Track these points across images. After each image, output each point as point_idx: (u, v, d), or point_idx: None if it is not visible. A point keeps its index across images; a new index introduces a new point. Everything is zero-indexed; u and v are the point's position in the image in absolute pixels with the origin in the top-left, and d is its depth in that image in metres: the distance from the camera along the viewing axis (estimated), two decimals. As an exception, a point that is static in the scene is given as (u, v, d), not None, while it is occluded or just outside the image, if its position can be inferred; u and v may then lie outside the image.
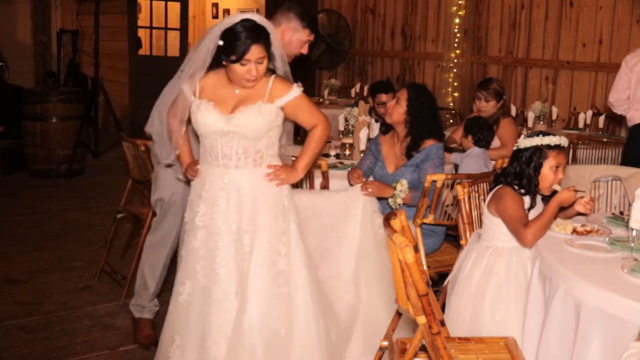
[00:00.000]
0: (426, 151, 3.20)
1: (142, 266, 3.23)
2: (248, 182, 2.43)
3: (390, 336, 2.32)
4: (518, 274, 2.39)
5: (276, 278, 2.41)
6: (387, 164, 3.34)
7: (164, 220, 3.14)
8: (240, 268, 2.41)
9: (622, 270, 1.96)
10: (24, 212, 5.51)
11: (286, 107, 2.46)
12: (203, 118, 2.41)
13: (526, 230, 2.29)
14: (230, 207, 2.42)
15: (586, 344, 1.85)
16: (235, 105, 2.43)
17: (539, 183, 2.42)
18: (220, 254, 2.41)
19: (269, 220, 2.43)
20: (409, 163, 3.23)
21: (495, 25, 6.64)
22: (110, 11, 8.93)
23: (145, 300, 3.24)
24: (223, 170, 2.44)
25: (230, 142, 2.41)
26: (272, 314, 2.39)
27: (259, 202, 2.43)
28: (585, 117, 5.30)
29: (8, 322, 3.39)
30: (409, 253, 1.79)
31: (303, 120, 2.54)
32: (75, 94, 7.14)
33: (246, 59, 2.33)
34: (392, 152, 3.35)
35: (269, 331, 2.39)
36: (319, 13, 8.60)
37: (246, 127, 2.38)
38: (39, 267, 4.21)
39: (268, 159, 2.47)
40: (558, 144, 2.40)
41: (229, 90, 2.46)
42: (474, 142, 3.66)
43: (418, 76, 7.57)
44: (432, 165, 3.19)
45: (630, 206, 2.15)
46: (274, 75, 2.46)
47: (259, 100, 2.41)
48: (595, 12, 5.77)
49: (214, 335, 2.39)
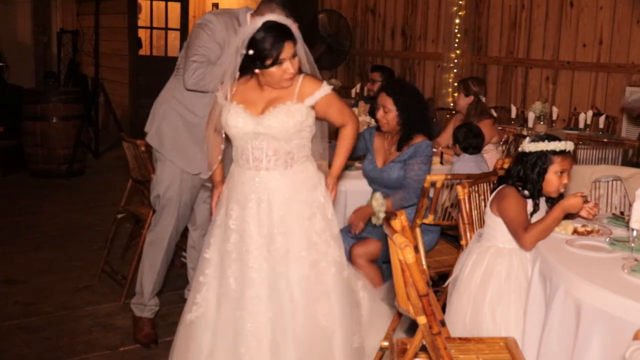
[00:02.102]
0: (415, 147, 3.20)
1: (142, 264, 3.25)
2: (279, 184, 2.41)
3: (390, 336, 2.32)
4: (519, 275, 2.39)
5: (318, 276, 2.39)
6: (376, 157, 3.35)
7: (161, 217, 3.16)
8: (273, 271, 2.37)
9: (622, 271, 1.96)
10: (24, 212, 5.51)
11: (317, 106, 2.44)
12: (233, 121, 2.40)
13: (526, 233, 2.28)
14: (261, 210, 2.39)
15: (586, 344, 1.85)
16: (264, 107, 2.41)
17: (543, 188, 2.41)
18: (252, 258, 2.37)
19: (306, 220, 2.41)
20: (397, 158, 3.23)
21: (495, 26, 6.64)
22: (111, 11, 8.93)
23: (146, 299, 3.25)
24: (254, 173, 2.42)
25: (261, 144, 2.39)
26: (318, 313, 2.37)
27: (291, 203, 2.41)
28: (585, 118, 5.30)
29: (8, 322, 3.39)
30: (409, 253, 1.79)
31: (333, 118, 2.52)
32: (75, 94, 7.14)
33: (281, 58, 2.32)
34: (382, 146, 3.37)
35: (317, 330, 2.36)
36: (319, 13, 8.60)
37: (276, 128, 2.36)
38: (39, 267, 4.21)
39: (299, 161, 2.44)
40: (564, 149, 2.38)
41: (257, 92, 2.44)
42: (462, 149, 3.69)
43: (418, 76, 7.57)
44: (419, 162, 3.18)
45: (630, 206, 2.15)
46: (303, 75, 2.44)
47: (288, 101, 2.39)
48: (596, 12, 5.77)
49: (247, 340, 2.34)
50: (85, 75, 9.42)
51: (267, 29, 2.32)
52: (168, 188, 3.11)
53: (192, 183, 3.14)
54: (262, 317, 2.34)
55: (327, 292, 2.40)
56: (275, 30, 2.32)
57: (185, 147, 3.06)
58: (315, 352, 2.36)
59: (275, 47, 2.30)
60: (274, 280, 2.36)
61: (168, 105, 3.08)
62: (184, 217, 3.22)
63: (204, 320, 2.44)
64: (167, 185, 3.11)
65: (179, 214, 3.16)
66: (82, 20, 9.54)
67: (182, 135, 3.06)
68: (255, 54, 2.32)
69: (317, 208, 2.45)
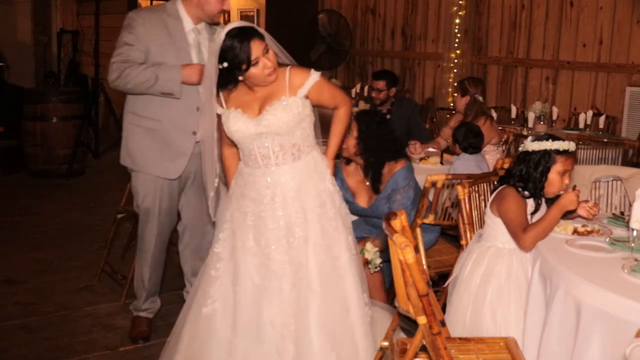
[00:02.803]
0: (393, 180, 3.12)
1: (135, 270, 3.27)
2: (289, 177, 2.48)
3: (390, 336, 2.32)
4: (519, 275, 2.39)
5: (334, 263, 2.46)
6: (357, 199, 3.25)
7: (142, 227, 3.15)
8: (295, 261, 2.44)
9: (622, 271, 1.96)
10: (24, 212, 5.51)
11: (309, 94, 2.48)
12: (234, 126, 2.45)
13: (525, 234, 2.28)
14: (275, 204, 2.46)
15: (586, 344, 1.85)
16: (261, 107, 2.46)
17: (545, 187, 2.41)
18: (273, 251, 2.45)
19: (317, 208, 2.48)
20: (380, 196, 3.17)
21: (495, 26, 6.64)
22: (110, 11, 8.92)
23: (141, 303, 3.26)
24: (265, 171, 2.48)
25: (265, 142, 2.45)
26: (335, 300, 2.43)
27: (303, 193, 2.47)
28: (585, 118, 5.29)
29: (8, 322, 3.39)
30: (409, 253, 1.79)
31: (326, 102, 2.57)
32: (76, 94, 7.14)
33: (254, 58, 2.35)
34: (362, 186, 3.26)
35: (335, 316, 2.42)
36: (319, 13, 8.60)
37: (276, 124, 2.41)
38: (39, 267, 4.21)
39: (306, 151, 2.51)
40: (567, 149, 2.37)
41: (250, 94, 2.49)
42: (462, 149, 3.69)
43: (418, 76, 7.57)
44: (401, 192, 3.11)
45: (630, 206, 2.15)
46: (289, 67, 2.48)
47: (282, 96, 2.44)
48: (596, 12, 5.77)
49: (269, 331, 2.41)
50: (85, 75, 9.42)
51: (231, 37, 2.35)
52: (144, 198, 3.07)
53: (169, 190, 3.09)
54: (285, 308, 2.41)
55: (341, 276, 2.47)
56: (238, 35, 2.35)
57: (155, 156, 3.01)
58: (336, 336, 2.41)
59: (244, 51, 2.34)
60: (294, 270, 2.43)
61: (127, 122, 3.05)
62: (166, 224, 3.18)
63: (223, 313, 2.49)
64: (142, 195, 3.07)
65: (159, 222, 3.12)
66: (82, 20, 9.54)
67: (149, 145, 3.00)
68: (229, 65, 2.36)
69: (327, 196, 2.52)
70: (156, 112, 2.95)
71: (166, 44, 2.90)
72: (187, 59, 2.92)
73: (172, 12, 2.93)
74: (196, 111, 2.90)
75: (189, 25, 2.95)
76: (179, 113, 2.94)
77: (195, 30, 2.97)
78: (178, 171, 3.02)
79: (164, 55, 2.89)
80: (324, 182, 2.53)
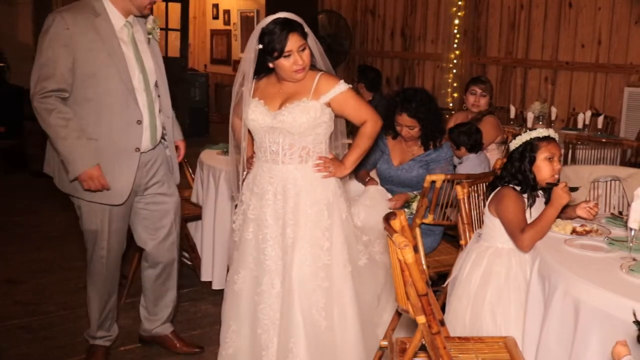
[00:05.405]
0: (439, 152, 3.28)
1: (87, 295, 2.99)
2: (293, 177, 2.49)
3: (390, 336, 2.33)
4: (518, 275, 2.40)
5: (318, 271, 2.46)
6: (392, 157, 3.39)
7: (90, 250, 2.91)
8: (284, 260, 2.48)
9: (620, 270, 1.97)
10: (24, 212, 5.52)
11: (332, 103, 2.50)
12: (252, 114, 2.49)
13: (523, 235, 2.29)
14: (277, 201, 2.50)
15: (585, 343, 1.86)
16: (282, 102, 2.49)
17: (537, 176, 2.43)
18: (268, 246, 2.50)
19: (312, 215, 2.48)
20: (419, 157, 3.28)
21: (494, 26, 6.65)
22: (111, 12, 8.93)
23: (93, 330, 2.99)
24: (271, 166, 2.52)
25: (277, 138, 2.49)
26: (312, 306, 2.43)
27: (302, 196, 2.49)
28: (584, 118, 5.30)
29: (8, 322, 3.40)
30: (408, 253, 1.80)
31: (350, 116, 2.57)
32: (76, 94, 7.13)
33: (287, 50, 2.38)
34: (399, 146, 3.40)
35: (311, 322, 2.43)
36: (319, 14, 8.61)
37: (290, 123, 2.44)
38: (39, 267, 4.22)
39: (315, 156, 2.52)
40: (546, 135, 2.44)
41: (277, 87, 2.53)
42: (468, 150, 3.68)
43: (418, 77, 7.58)
44: (442, 168, 3.24)
45: (629, 206, 2.16)
46: (321, 73, 2.51)
47: (304, 97, 2.46)
48: (594, 12, 5.78)
49: (262, 323, 2.49)
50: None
51: (275, 23, 2.40)
52: (90, 222, 2.81)
53: (118, 212, 2.80)
54: (273, 303, 2.47)
55: (325, 288, 2.46)
56: (282, 23, 2.40)
57: None
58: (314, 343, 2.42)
59: (280, 39, 2.38)
60: (284, 268, 2.47)
61: None
62: (117, 244, 2.89)
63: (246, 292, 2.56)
64: (87, 219, 2.82)
65: (109, 243, 2.84)
66: (82, 20, 9.52)
67: None
68: (264, 47, 2.42)
69: (325, 205, 2.51)
70: (96, 131, 2.64)
71: (96, 48, 2.59)
72: (121, 65, 2.63)
73: (100, 11, 2.63)
74: (137, 125, 2.68)
75: (119, 22, 2.67)
76: (119, 128, 2.65)
77: (127, 24, 2.70)
78: (123, 195, 2.73)
79: (93, 63, 2.58)
80: (325, 192, 2.52)
